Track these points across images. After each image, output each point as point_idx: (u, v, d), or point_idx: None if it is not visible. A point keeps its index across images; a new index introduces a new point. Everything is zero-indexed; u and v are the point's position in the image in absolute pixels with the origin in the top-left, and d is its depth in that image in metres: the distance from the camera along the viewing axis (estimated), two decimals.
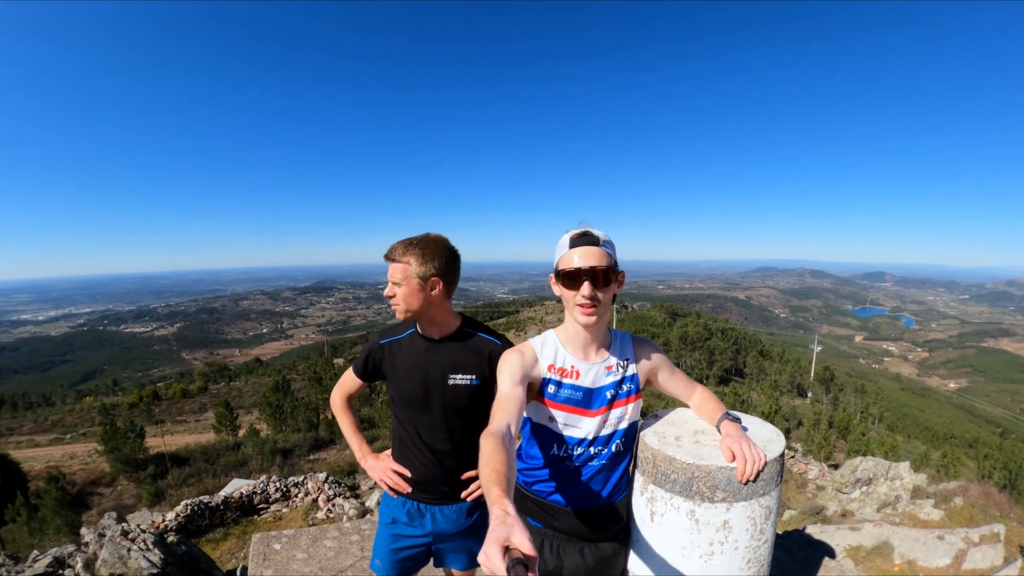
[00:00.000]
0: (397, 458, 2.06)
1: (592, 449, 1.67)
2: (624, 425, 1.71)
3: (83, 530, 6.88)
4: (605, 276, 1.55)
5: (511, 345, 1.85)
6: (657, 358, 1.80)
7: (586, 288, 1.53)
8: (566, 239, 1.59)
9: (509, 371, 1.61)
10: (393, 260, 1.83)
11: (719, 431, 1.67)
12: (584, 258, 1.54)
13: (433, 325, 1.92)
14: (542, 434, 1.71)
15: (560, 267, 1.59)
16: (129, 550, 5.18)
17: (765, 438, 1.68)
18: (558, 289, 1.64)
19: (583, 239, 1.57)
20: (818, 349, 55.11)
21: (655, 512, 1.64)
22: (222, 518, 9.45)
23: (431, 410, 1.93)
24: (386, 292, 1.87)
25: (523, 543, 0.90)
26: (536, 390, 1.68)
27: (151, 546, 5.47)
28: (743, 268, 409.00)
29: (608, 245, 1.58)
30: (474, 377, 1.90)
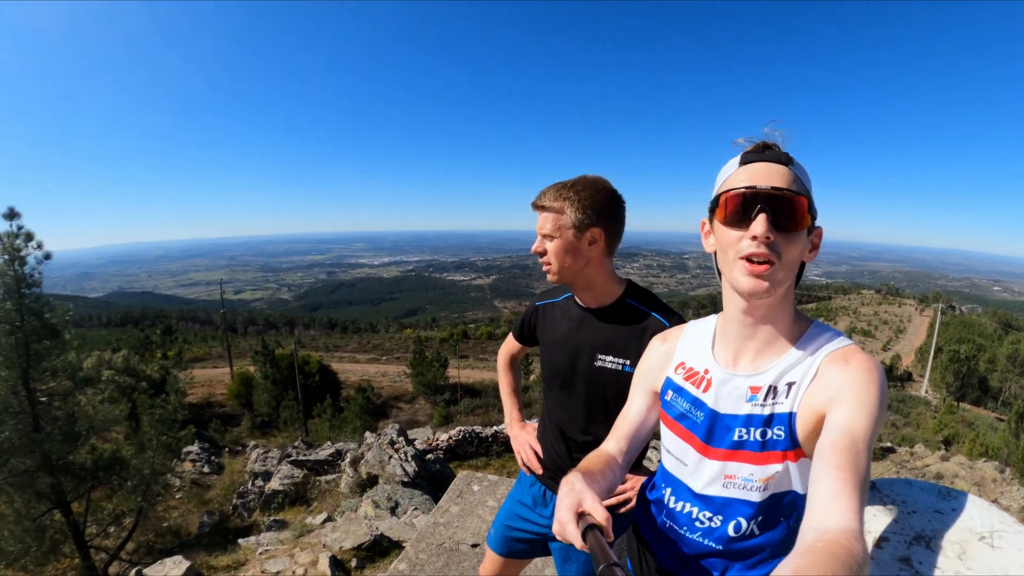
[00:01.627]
0: (538, 434, 1.82)
1: (697, 512, 1.02)
2: (756, 496, 0.94)
3: (366, 433, 8.83)
4: (793, 210, 0.87)
5: (681, 323, 1.31)
6: (850, 405, 0.83)
7: (760, 224, 0.85)
8: (736, 158, 0.96)
9: (641, 372, 1.21)
10: (543, 208, 1.47)
11: None
12: (759, 175, 0.89)
13: (590, 291, 1.54)
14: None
15: (722, 191, 0.94)
16: (390, 457, 6.50)
17: None
18: (711, 240, 0.98)
19: (762, 153, 0.92)
20: None
21: None
22: (488, 449, 10.95)
23: (573, 392, 1.60)
24: (534, 247, 1.52)
25: (595, 508, 0.82)
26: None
27: (409, 459, 6.74)
28: None
29: (800, 171, 0.92)
30: (627, 363, 1.47)
